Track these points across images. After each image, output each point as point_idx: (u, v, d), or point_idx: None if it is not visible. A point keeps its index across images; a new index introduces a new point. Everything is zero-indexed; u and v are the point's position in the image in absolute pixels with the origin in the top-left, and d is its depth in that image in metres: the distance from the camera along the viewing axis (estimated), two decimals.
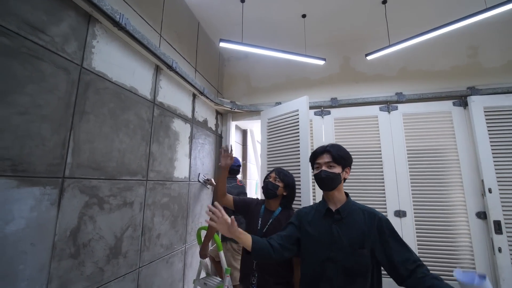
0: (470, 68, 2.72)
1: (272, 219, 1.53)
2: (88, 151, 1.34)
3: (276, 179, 1.57)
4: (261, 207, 1.62)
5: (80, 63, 1.32)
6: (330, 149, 1.18)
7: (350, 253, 1.07)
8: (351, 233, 1.10)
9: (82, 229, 1.29)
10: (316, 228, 1.17)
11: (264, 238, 1.19)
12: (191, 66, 2.59)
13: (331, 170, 1.15)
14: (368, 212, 1.14)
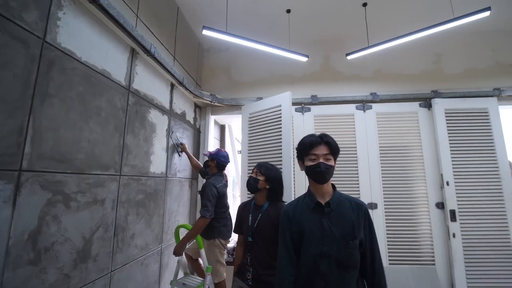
0: (434, 73, 2.96)
1: (262, 213, 1.54)
2: (52, 140, 1.15)
3: (258, 174, 1.59)
4: (251, 204, 1.64)
5: (42, 36, 1.12)
6: (328, 140, 1.14)
7: (343, 246, 1.05)
8: (342, 225, 1.08)
9: (44, 231, 1.10)
10: (307, 223, 1.13)
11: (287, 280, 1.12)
12: (170, 54, 2.41)
13: (328, 162, 1.11)
14: (355, 202, 1.14)
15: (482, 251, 2.44)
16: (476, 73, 2.90)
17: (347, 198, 1.16)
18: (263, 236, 1.49)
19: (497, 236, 2.45)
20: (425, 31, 2.20)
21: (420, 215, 2.63)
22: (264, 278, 1.44)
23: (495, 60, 2.91)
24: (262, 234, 1.50)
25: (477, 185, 2.56)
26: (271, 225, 1.46)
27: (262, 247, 1.49)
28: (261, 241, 1.49)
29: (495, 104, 2.70)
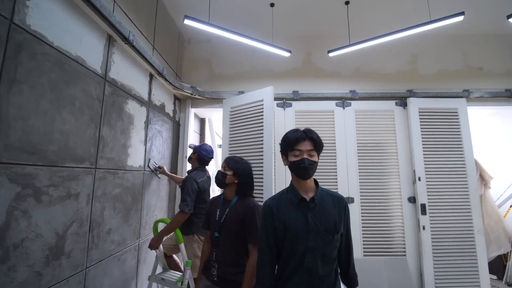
0: (410, 73, 3.12)
1: (229, 208, 1.48)
2: (21, 130, 1.07)
3: (226, 168, 1.53)
4: (220, 199, 1.58)
5: (9, 17, 1.03)
6: (312, 135, 1.12)
7: (327, 240, 1.07)
8: (325, 220, 1.09)
9: (13, 226, 1.03)
10: (291, 219, 1.11)
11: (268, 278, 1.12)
12: (149, 43, 2.32)
13: (312, 158, 1.10)
14: (336, 197, 1.16)
15: (448, 242, 2.64)
16: (448, 75, 3.09)
17: (328, 192, 1.17)
18: (229, 231, 1.43)
19: (462, 228, 2.67)
20: (404, 32, 2.30)
21: (393, 209, 2.79)
22: (228, 276, 1.40)
23: (465, 63, 3.11)
24: (228, 229, 1.44)
25: (446, 181, 2.76)
26: (239, 221, 1.42)
27: (228, 243, 1.43)
28: (228, 237, 1.44)
29: (464, 105, 2.91)
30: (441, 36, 3.10)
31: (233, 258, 1.42)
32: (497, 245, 3.16)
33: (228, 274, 1.40)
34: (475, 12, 2.73)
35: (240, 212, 1.44)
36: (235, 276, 1.38)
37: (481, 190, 3.39)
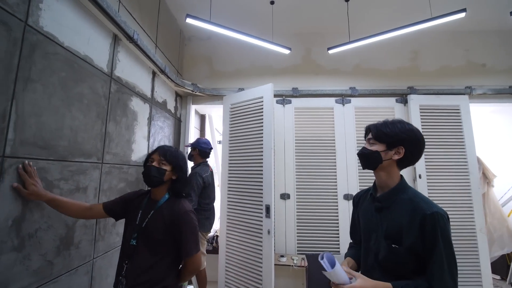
0: (411, 70, 3.14)
1: (154, 211, 1.21)
2: (35, 127, 1.13)
3: (162, 162, 1.24)
4: (144, 198, 1.29)
5: (24, 19, 1.08)
6: (370, 126, 1.08)
7: (384, 248, 0.96)
8: (389, 225, 0.97)
9: (28, 217, 1.10)
10: (364, 214, 1.09)
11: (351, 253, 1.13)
12: (152, 41, 2.36)
13: (370, 147, 1.03)
14: (414, 203, 0.94)
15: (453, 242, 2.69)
16: (449, 71, 3.10)
17: (411, 198, 0.97)
18: (151, 240, 1.17)
19: (464, 227, 2.67)
20: (404, 29, 2.31)
21: None
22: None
23: (467, 59, 3.12)
24: (149, 237, 1.17)
25: (448, 179, 2.77)
26: (163, 226, 1.17)
27: (146, 255, 1.16)
28: (149, 245, 1.17)
29: (466, 102, 2.91)
30: (443, 32, 3.10)
31: (148, 275, 1.14)
32: (500, 244, 3.14)
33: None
34: (477, 8, 2.73)
35: (165, 216, 1.18)
36: None
37: (484, 188, 3.38)
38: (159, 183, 1.22)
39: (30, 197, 1.07)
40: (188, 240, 1.17)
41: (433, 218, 0.88)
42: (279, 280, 2.61)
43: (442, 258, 0.86)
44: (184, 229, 1.17)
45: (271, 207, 2.36)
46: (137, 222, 1.20)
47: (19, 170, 1.05)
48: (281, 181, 2.91)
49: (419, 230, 0.89)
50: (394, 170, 1.02)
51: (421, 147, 1.03)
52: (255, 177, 2.51)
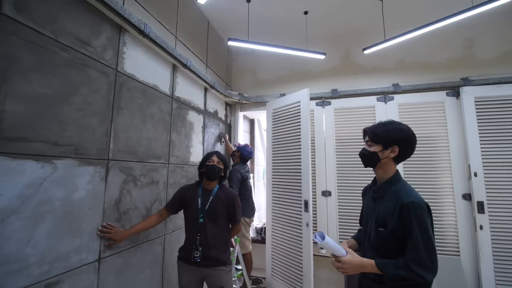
0: (465, 60, 2.85)
1: (213, 196, 1.72)
2: (124, 139, 1.67)
3: (219, 163, 1.75)
4: (198, 189, 1.76)
5: (115, 68, 1.63)
6: (366, 128, 1.23)
7: (374, 231, 1.13)
8: (379, 213, 1.12)
9: (123, 200, 1.64)
10: (366, 204, 1.28)
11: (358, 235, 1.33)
12: (203, 62, 2.86)
13: (369, 148, 1.18)
14: (398, 194, 1.09)
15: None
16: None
17: (398, 189, 1.10)
18: (215, 216, 1.67)
19: None
20: (452, 18, 2.15)
21: (445, 206, 2.66)
22: (212, 255, 1.63)
23: None
24: (214, 214, 1.67)
25: (510, 176, 2.47)
26: (223, 206, 1.70)
27: (212, 227, 1.66)
28: (213, 222, 1.67)
29: None
30: (503, 11, 2.70)
31: (217, 239, 1.67)
32: None
33: (213, 253, 1.63)
34: None
35: (223, 199, 1.71)
36: (218, 254, 1.65)
37: None
38: (218, 176, 1.74)
39: (120, 241, 1.52)
40: (236, 213, 1.76)
41: (409, 206, 1.02)
42: (319, 270, 2.75)
43: (418, 240, 0.99)
44: (236, 206, 1.75)
45: (309, 202, 2.55)
46: (200, 206, 1.68)
47: (99, 234, 1.43)
48: (322, 179, 3.04)
49: (399, 216, 1.04)
50: (391, 166, 1.18)
51: (413, 143, 1.15)
52: (295, 175, 2.73)
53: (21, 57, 1.13)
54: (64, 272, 1.26)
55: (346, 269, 1.08)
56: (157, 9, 2.07)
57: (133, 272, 1.70)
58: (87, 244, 1.39)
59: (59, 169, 1.26)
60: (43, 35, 1.22)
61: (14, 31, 1.11)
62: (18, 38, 1.12)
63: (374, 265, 1.05)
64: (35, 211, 1.15)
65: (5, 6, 1.09)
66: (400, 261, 1.01)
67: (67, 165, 1.30)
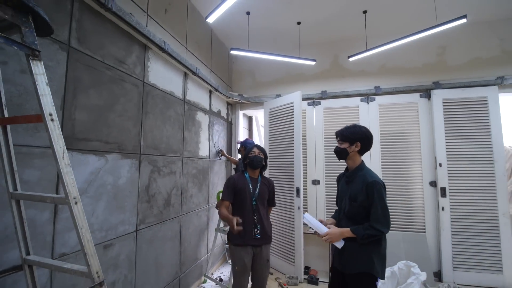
0: (437, 65, 3.28)
1: (260, 183, 2.05)
2: (150, 138, 2.08)
3: (260, 153, 2.05)
4: (245, 177, 2.05)
5: (142, 79, 2.02)
6: (338, 132, 1.66)
7: (348, 204, 1.56)
8: (351, 191, 1.55)
9: (151, 186, 2.06)
10: (341, 185, 1.70)
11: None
12: (207, 68, 3.24)
13: (340, 146, 1.62)
14: (364, 177, 1.51)
15: (469, 223, 2.88)
16: (480, 63, 3.13)
17: (364, 174, 1.52)
18: (263, 200, 2.01)
19: (486, 211, 2.85)
20: (427, 31, 2.51)
21: (415, 191, 3.14)
22: (267, 232, 1.97)
23: (502, 49, 3.09)
24: (262, 198, 2.01)
25: (470, 167, 2.95)
26: (267, 190, 2.07)
27: (262, 208, 1.99)
28: (262, 204, 1.99)
29: (495, 93, 2.96)
30: (474, 23, 3.12)
31: (267, 219, 2.01)
32: None
33: (267, 231, 1.97)
34: None
35: (267, 186, 2.10)
36: (270, 232, 2.01)
37: None
38: (261, 165, 2.05)
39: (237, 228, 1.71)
40: (274, 196, 2.16)
41: (372, 184, 1.47)
42: (309, 247, 3.22)
43: (378, 207, 1.45)
44: (273, 191, 2.15)
45: (300, 189, 3.01)
46: (251, 190, 1.99)
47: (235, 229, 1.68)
48: (312, 170, 3.48)
49: (365, 192, 1.48)
50: (357, 157, 1.62)
51: (370, 140, 1.62)
52: (288, 166, 3.18)
53: (83, 78, 1.53)
54: (114, 238, 1.69)
55: (331, 238, 1.51)
56: (172, 26, 2.44)
57: (159, 243, 2.14)
58: (128, 218, 1.81)
59: (109, 161, 1.67)
60: (95, 59, 1.61)
61: (78, 59, 1.50)
62: (81, 64, 1.52)
63: (349, 231, 1.49)
64: (96, 192, 1.56)
65: (72, 40, 1.47)
66: (365, 225, 1.47)
67: (114, 158, 1.71)
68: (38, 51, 0.76)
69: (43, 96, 0.77)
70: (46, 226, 1.30)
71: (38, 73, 0.77)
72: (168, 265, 2.28)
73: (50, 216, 1.33)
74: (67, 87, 1.43)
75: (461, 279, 2.83)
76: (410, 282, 1.78)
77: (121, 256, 1.75)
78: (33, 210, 1.25)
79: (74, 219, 0.83)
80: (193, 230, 2.72)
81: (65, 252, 1.39)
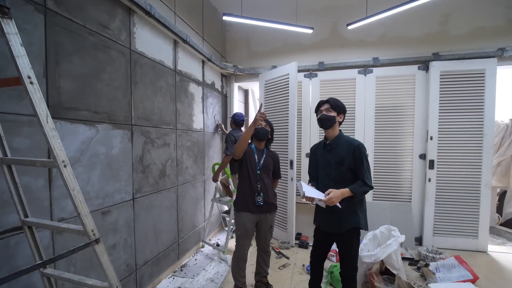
0: (439, 35, 3.15)
1: (265, 155, 2.11)
2: (142, 108, 2.05)
3: (266, 126, 2.10)
4: (251, 147, 2.10)
5: (129, 47, 1.93)
6: (329, 99, 1.68)
7: (335, 170, 1.65)
8: (336, 157, 1.65)
9: (145, 157, 2.08)
10: (320, 155, 1.76)
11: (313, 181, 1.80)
12: (199, 36, 3.09)
13: (328, 114, 1.65)
14: (348, 142, 1.64)
15: (452, 193, 3.01)
16: (482, 33, 3.02)
17: (347, 139, 1.65)
18: (267, 170, 2.08)
19: (470, 182, 2.97)
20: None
21: (405, 164, 3.22)
22: (269, 200, 2.03)
23: (507, 18, 2.95)
24: (267, 169, 2.07)
25: (459, 140, 2.99)
26: (272, 162, 2.13)
27: (266, 178, 2.05)
28: (266, 174, 2.06)
29: (493, 65, 2.90)
30: None
31: (271, 188, 2.08)
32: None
33: (270, 199, 2.04)
34: None
35: (272, 158, 2.14)
36: (274, 200, 2.09)
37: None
38: (266, 137, 2.08)
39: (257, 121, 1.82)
40: (279, 169, 2.20)
41: (359, 147, 1.61)
42: (300, 215, 3.37)
43: (364, 167, 1.59)
44: (278, 163, 2.19)
45: (294, 162, 3.06)
46: (256, 160, 2.05)
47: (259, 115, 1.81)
48: (306, 143, 3.51)
49: (352, 155, 1.60)
50: (337, 127, 1.72)
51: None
52: (283, 139, 3.19)
53: (64, 43, 1.45)
54: (112, 205, 1.74)
55: (334, 199, 1.54)
56: None
57: (156, 211, 2.22)
58: (124, 187, 1.86)
59: (100, 131, 1.66)
60: (76, 23, 1.52)
61: (56, 22, 1.42)
62: (61, 28, 1.44)
63: (348, 190, 1.57)
64: (89, 161, 1.58)
65: (48, 1, 1.38)
66: (359, 183, 1.58)
67: (104, 128, 1.70)
68: (7, 8, 0.72)
69: (19, 57, 0.74)
70: (42, 192, 1.33)
71: (10, 32, 0.73)
72: (167, 231, 2.39)
73: (45, 183, 1.35)
74: (48, 53, 1.36)
75: (439, 243, 3.03)
76: (389, 243, 1.91)
77: (119, 222, 1.82)
78: (27, 177, 1.27)
79: (64, 181, 0.85)
80: (189, 200, 2.81)
81: (63, 217, 1.44)
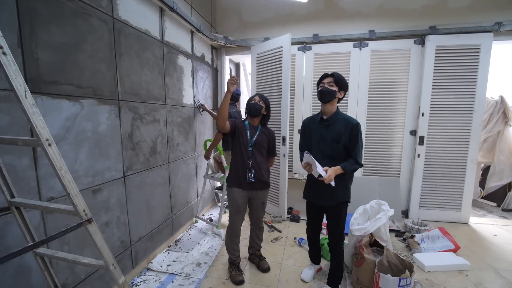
0: (437, 7, 3.05)
1: (258, 132, 2.05)
2: (128, 82, 1.94)
3: (260, 101, 2.02)
4: (245, 124, 2.05)
5: (111, 15, 1.77)
6: (333, 74, 1.66)
7: (330, 146, 1.66)
8: (332, 134, 1.65)
9: (134, 133, 2.02)
10: (314, 130, 1.74)
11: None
12: (187, 4, 2.88)
13: (330, 87, 1.63)
14: (346, 120, 1.64)
15: (439, 168, 3.13)
16: (481, 6, 2.94)
17: (344, 117, 1.66)
18: (260, 147, 2.03)
19: (457, 158, 3.07)
20: None
21: (395, 140, 3.28)
22: (261, 178, 2.02)
23: None
24: (259, 146, 2.02)
25: (450, 116, 3.04)
26: (267, 141, 2.08)
27: (259, 156, 2.02)
28: (259, 151, 2.02)
29: (489, 40, 2.87)
30: None
31: (263, 165, 2.06)
32: (500, 176, 3.49)
33: (261, 176, 2.02)
34: None
35: (266, 135, 2.08)
36: (266, 178, 2.08)
37: (500, 126, 3.50)
38: (259, 113, 2.00)
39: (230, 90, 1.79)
40: (274, 147, 2.16)
41: (356, 126, 1.63)
42: (292, 191, 3.46)
43: (358, 146, 1.64)
44: (275, 141, 2.14)
45: (286, 138, 3.06)
46: (248, 137, 2.01)
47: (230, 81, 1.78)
48: (299, 119, 3.50)
49: (349, 133, 1.63)
50: (335, 103, 1.71)
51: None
52: (276, 115, 3.15)
53: (39, 9, 1.32)
54: (102, 183, 1.72)
55: (331, 176, 1.58)
56: None
57: (148, 188, 2.22)
58: (114, 165, 1.82)
59: (85, 107, 1.58)
60: None
61: None
62: None
63: (340, 168, 1.62)
64: (76, 138, 1.52)
65: None
66: (350, 161, 1.64)
67: (90, 104, 1.61)
68: None
69: None
70: (27, 172, 1.29)
71: None
72: (160, 207, 2.41)
73: (30, 162, 1.30)
74: (21, 20, 1.23)
75: (424, 215, 3.21)
76: (379, 217, 2.00)
77: (111, 200, 1.81)
78: (10, 156, 1.21)
79: (50, 160, 0.81)
80: (182, 177, 2.81)
81: (53, 196, 1.41)
